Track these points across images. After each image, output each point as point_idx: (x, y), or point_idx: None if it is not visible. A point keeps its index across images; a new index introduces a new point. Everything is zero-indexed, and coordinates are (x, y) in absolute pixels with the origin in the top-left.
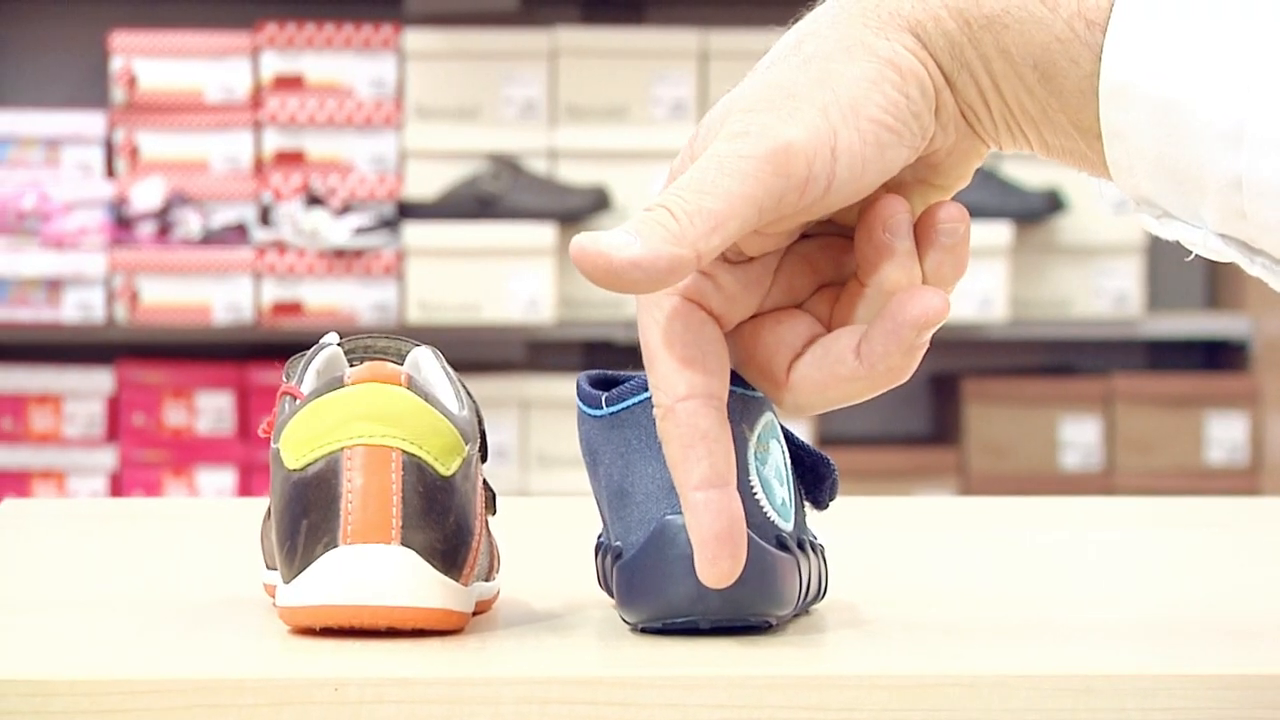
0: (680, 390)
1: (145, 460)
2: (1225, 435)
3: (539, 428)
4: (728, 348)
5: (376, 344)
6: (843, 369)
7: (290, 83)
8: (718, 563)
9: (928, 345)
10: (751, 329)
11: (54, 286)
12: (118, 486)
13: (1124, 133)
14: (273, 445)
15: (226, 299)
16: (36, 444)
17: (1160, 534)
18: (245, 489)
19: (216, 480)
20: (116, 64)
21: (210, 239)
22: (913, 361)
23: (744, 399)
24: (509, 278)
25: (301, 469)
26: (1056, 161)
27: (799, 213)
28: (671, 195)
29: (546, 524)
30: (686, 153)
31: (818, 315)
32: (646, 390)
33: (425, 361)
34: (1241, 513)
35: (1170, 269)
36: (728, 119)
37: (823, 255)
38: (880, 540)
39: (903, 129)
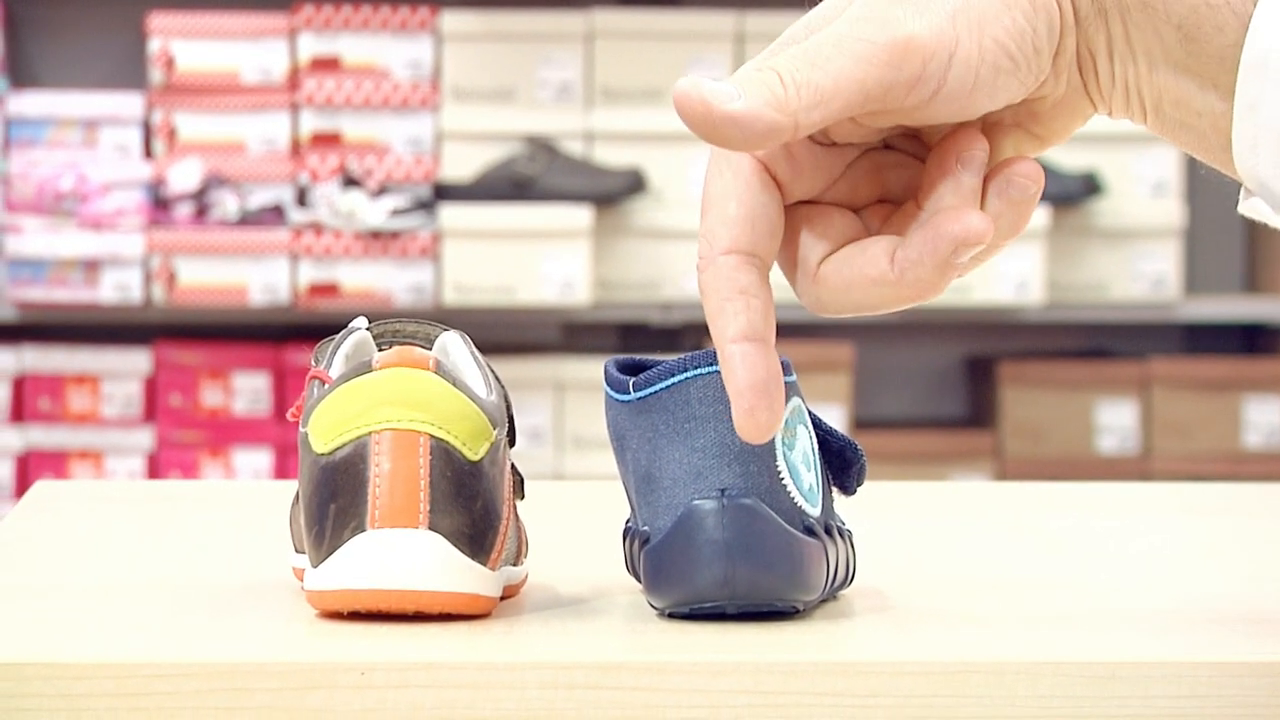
0: (724, 243)
1: (182, 441)
2: (1263, 419)
3: (574, 410)
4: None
5: (405, 328)
6: (872, 270)
7: (327, 64)
8: (755, 414)
9: (961, 269)
10: (802, 213)
11: (92, 267)
12: (154, 467)
13: (1258, 106)
14: (301, 429)
15: (263, 280)
16: (74, 424)
17: (1194, 521)
18: (282, 470)
19: (253, 461)
20: (154, 45)
21: (247, 220)
22: (943, 280)
23: None
24: (544, 260)
25: (329, 453)
26: (1166, 138)
27: (899, 111)
28: (784, 61)
29: (576, 508)
30: (802, 25)
31: (868, 224)
32: (673, 375)
33: (453, 346)
34: (1278, 499)
35: (1208, 252)
36: (855, 1)
37: (896, 170)
38: (911, 526)
39: (1021, 60)
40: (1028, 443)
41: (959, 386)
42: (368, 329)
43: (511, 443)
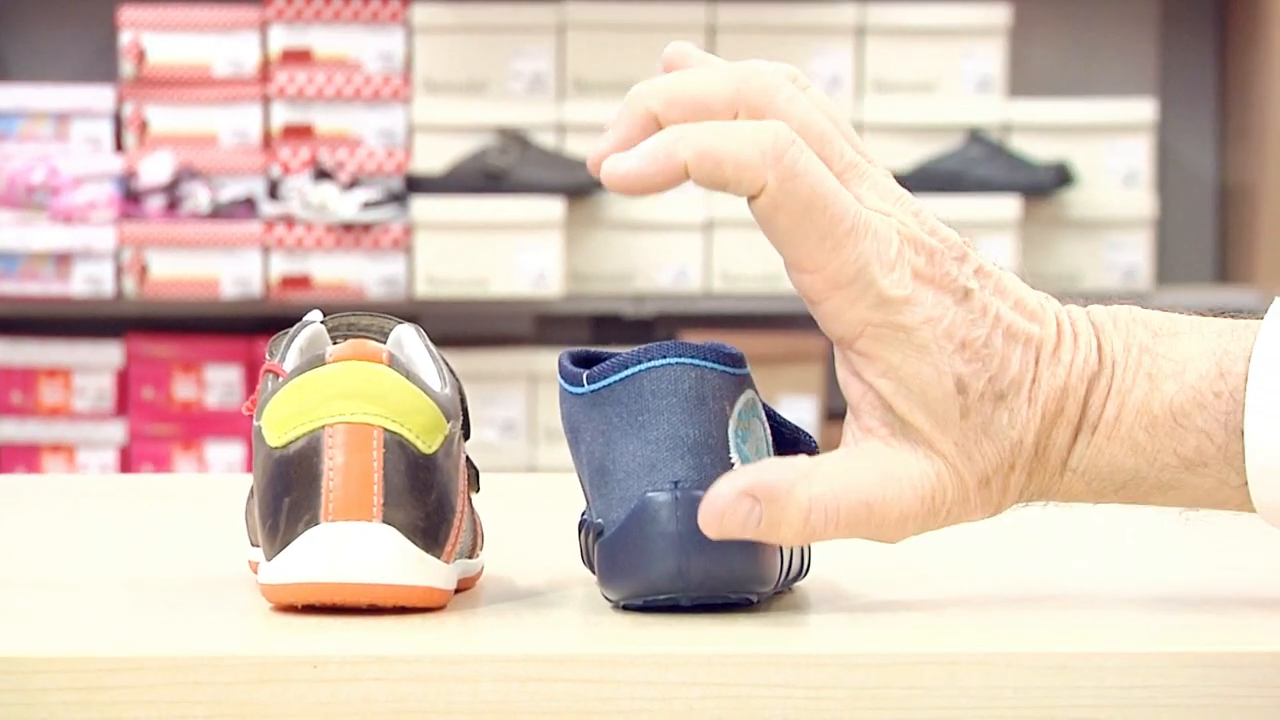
0: None
1: (154, 434)
2: None
3: (547, 402)
4: None
5: (359, 321)
6: None
7: (298, 56)
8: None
9: None
10: None
11: (63, 260)
12: (127, 460)
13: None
14: (255, 423)
15: (235, 273)
16: (46, 418)
17: (1156, 512)
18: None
19: (225, 454)
20: (125, 38)
21: (219, 213)
22: None
23: (724, 376)
24: (517, 252)
25: (283, 446)
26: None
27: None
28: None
29: (535, 500)
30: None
31: None
32: (627, 368)
33: (408, 339)
34: None
35: (1179, 243)
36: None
37: None
38: None
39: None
40: None
41: None
42: (322, 322)
43: (466, 436)
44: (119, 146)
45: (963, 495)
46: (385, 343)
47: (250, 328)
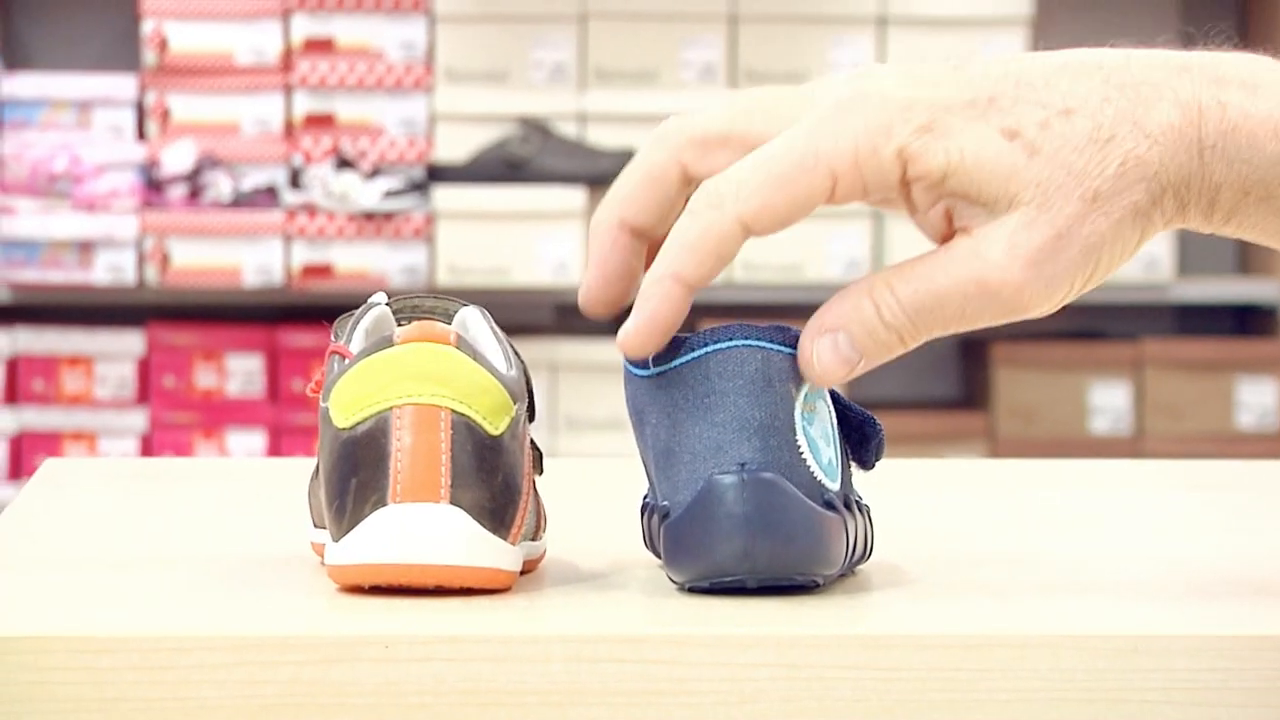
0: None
1: (176, 422)
2: (1255, 400)
3: (568, 391)
4: None
5: (424, 304)
6: None
7: (321, 45)
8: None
9: None
10: None
11: (85, 248)
12: (148, 448)
13: None
14: (322, 404)
15: (257, 261)
16: (68, 405)
17: (1194, 496)
18: (274, 451)
19: (246, 442)
20: (147, 26)
21: (240, 201)
22: None
23: (790, 358)
24: (538, 241)
25: (351, 428)
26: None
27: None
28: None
29: (586, 485)
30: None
31: None
32: (693, 350)
33: (473, 321)
34: (1274, 475)
35: (1200, 234)
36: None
37: None
38: (916, 502)
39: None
40: (1021, 424)
41: (952, 368)
42: (387, 304)
43: (531, 418)
44: (141, 135)
45: (1073, 217)
46: (450, 324)
47: (271, 316)
